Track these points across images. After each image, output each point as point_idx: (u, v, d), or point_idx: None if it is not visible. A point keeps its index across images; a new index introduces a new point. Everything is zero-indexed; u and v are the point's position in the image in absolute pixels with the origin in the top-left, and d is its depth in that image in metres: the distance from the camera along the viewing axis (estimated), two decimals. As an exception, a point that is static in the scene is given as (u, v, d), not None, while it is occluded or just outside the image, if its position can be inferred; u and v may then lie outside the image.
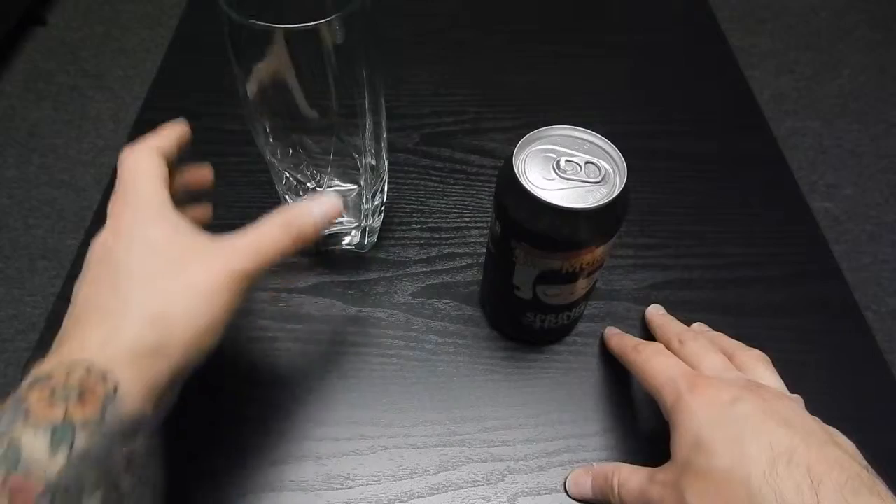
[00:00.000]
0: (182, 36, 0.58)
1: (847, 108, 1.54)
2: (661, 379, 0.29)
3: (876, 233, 1.29)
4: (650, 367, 0.30)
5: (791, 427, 0.24)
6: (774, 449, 0.23)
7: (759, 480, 0.23)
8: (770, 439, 0.24)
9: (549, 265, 0.30)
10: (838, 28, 1.75)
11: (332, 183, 0.36)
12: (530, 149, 0.30)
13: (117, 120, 1.46)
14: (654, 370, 0.30)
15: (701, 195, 0.46)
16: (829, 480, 0.22)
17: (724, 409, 0.26)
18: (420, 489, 0.32)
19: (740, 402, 0.26)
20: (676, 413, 0.27)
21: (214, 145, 0.48)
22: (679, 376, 0.28)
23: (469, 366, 0.37)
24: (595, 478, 0.31)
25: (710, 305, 0.40)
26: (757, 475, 0.23)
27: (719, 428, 0.25)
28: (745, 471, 0.23)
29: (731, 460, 0.24)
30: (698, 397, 0.27)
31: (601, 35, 0.59)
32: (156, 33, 1.67)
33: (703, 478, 0.24)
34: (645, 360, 0.31)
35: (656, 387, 0.29)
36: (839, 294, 0.41)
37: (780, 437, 0.24)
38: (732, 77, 0.56)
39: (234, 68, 0.30)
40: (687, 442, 0.26)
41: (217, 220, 0.43)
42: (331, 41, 0.28)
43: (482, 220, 0.44)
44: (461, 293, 0.40)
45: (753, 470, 0.23)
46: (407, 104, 0.52)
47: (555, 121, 0.30)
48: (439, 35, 0.59)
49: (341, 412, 0.35)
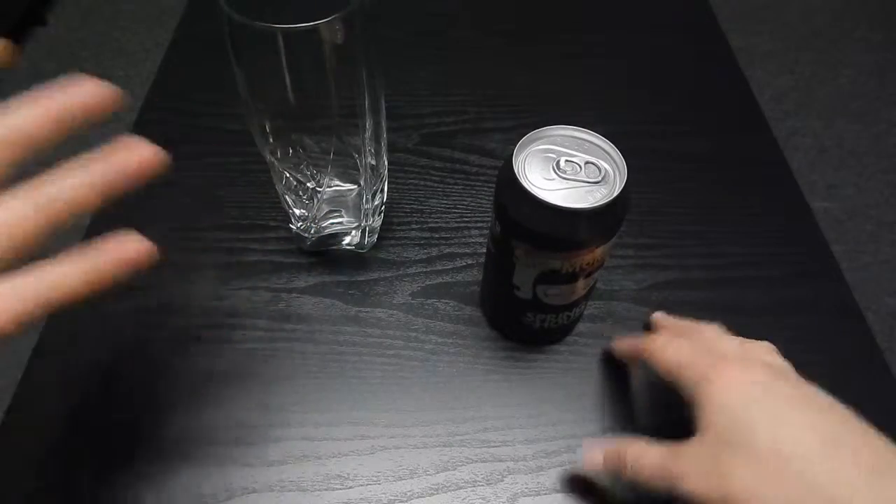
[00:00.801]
0: (182, 36, 0.58)
1: (847, 108, 1.54)
2: (681, 360, 0.29)
3: (876, 233, 1.29)
4: (668, 351, 0.30)
5: (827, 411, 0.25)
6: (819, 431, 0.24)
7: (811, 460, 0.23)
8: (812, 421, 0.24)
9: (549, 265, 0.30)
10: (838, 28, 1.75)
11: (332, 183, 0.36)
12: (530, 149, 0.30)
13: (117, 120, 1.46)
14: (673, 353, 0.30)
15: (701, 195, 0.46)
16: (877, 464, 0.23)
17: (758, 388, 0.26)
18: (420, 489, 0.32)
19: (773, 382, 0.26)
20: (703, 390, 0.27)
21: (214, 145, 0.48)
22: (700, 356, 0.28)
23: (469, 366, 0.37)
24: (607, 452, 0.30)
25: (710, 305, 0.40)
26: (808, 455, 0.23)
27: (757, 406, 0.25)
28: (794, 450, 0.23)
29: (775, 439, 0.24)
30: (726, 375, 0.27)
31: (601, 35, 0.59)
32: (156, 33, 1.67)
33: (746, 454, 0.24)
34: (661, 347, 0.31)
35: (675, 368, 0.29)
36: (839, 294, 0.41)
37: (822, 420, 0.24)
38: (732, 77, 0.56)
39: (234, 68, 0.30)
40: (721, 419, 0.25)
41: (217, 220, 0.43)
42: (331, 41, 0.28)
43: (482, 220, 0.44)
44: (461, 293, 0.40)
45: (802, 450, 0.23)
46: (407, 104, 0.52)
47: (555, 121, 0.30)
48: (439, 35, 0.59)
49: (341, 412, 0.35)
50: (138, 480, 0.32)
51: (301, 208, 0.38)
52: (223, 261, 0.41)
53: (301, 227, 0.40)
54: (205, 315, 0.38)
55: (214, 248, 0.42)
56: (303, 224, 0.39)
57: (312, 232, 0.40)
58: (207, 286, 0.40)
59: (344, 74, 0.30)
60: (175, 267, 0.40)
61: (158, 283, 0.40)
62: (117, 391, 0.35)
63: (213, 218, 0.43)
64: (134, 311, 0.38)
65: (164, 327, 0.38)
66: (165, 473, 0.32)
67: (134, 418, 0.34)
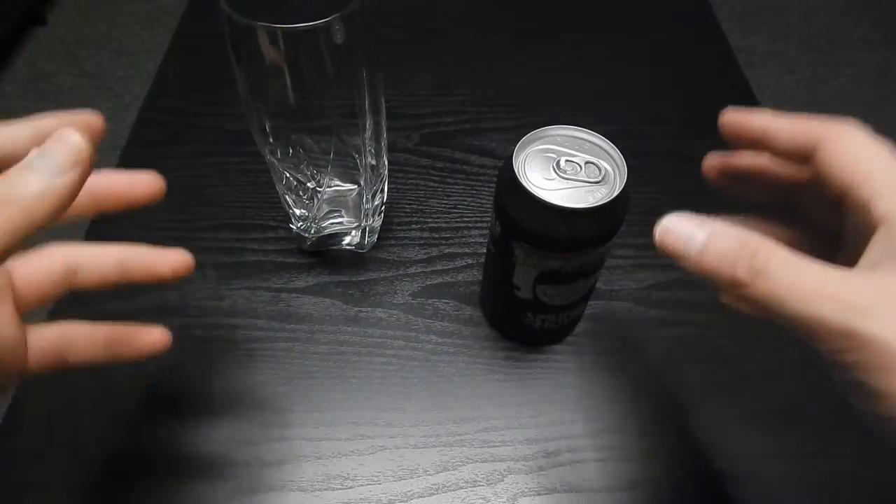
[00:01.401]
0: (182, 36, 0.58)
1: (847, 108, 1.54)
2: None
3: (876, 233, 1.29)
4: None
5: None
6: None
7: None
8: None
9: (549, 265, 0.30)
10: (838, 28, 1.75)
11: (332, 183, 0.36)
12: (530, 149, 0.30)
13: (117, 120, 1.46)
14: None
15: (701, 195, 0.46)
16: None
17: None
18: (420, 489, 0.32)
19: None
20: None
21: (214, 145, 0.48)
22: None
23: (469, 366, 0.37)
24: (719, 240, 0.19)
25: (710, 305, 0.40)
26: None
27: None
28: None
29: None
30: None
31: (601, 35, 0.59)
32: (156, 33, 1.67)
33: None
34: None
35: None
36: (839, 294, 0.41)
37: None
38: (732, 77, 0.56)
39: (234, 68, 0.30)
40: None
41: (217, 221, 0.43)
42: (331, 41, 0.28)
43: (482, 220, 0.44)
44: (461, 293, 0.40)
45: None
46: (407, 104, 0.52)
47: (555, 121, 0.30)
48: (439, 35, 0.59)
49: (341, 412, 0.35)
50: (138, 481, 0.32)
51: (301, 208, 0.38)
52: (223, 261, 0.41)
53: (301, 227, 0.40)
54: (204, 315, 0.38)
55: (214, 248, 0.42)
56: (303, 224, 0.39)
57: (312, 232, 0.40)
58: (207, 286, 0.40)
59: (344, 74, 0.30)
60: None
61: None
62: (116, 391, 0.35)
63: (213, 218, 0.43)
64: (134, 311, 0.38)
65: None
66: (165, 473, 0.32)
67: (133, 418, 0.34)
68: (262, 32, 0.27)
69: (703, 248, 0.19)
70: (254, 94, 0.31)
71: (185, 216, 0.43)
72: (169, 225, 0.42)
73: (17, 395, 0.35)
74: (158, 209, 0.43)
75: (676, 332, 0.39)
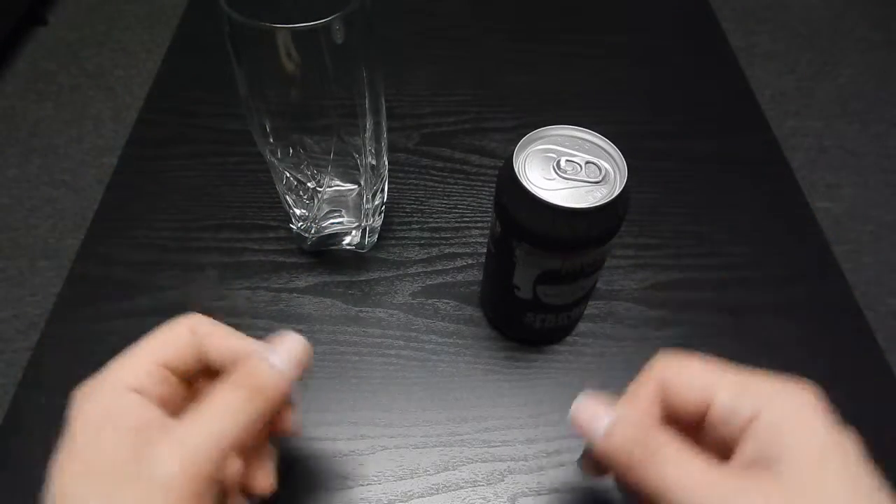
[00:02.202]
0: (182, 36, 0.58)
1: (847, 108, 1.54)
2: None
3: (877, 233, 1.29)
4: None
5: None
6: None
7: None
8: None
9: (549, 265, 0.30)
10: (838, 28, 1.75)
11: (332, 183, 0.37)
12: (530, 149, 0.30)
13: (118, 120, 1.46)
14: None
15: (701, 195, 0.46)
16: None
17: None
18: (420, 489, 0.32)
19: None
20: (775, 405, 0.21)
21: (214, 145, 0.48)
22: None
23: (469, 366, 0.37)
24: (614, 437, 0.21)
25: (710, 305, 0.40)
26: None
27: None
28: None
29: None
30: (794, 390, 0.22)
31: (601, 35, 0.59)
32: (156, 33, 1.67)
33: None
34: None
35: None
36: (839, 294, 0.41)
37: None
38: (732, 77, 0.56)
39: (234, 68, 0.30)
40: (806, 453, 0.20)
41: (217, 221, 0.43)
42: (331, 41, 0.28)
43: (482, 220, 0.44)
44: (461, 293, 0.40)
45: None
46: (407, 104, 0.52)
47: (555, 121, 0.30)
48: (439, 35, 0.59)
49: (341, 412, 0.35)
50: (138, 480, 0.32)
51: (301, 208, 0.38)
52: (223, 261, 0.41)
53: (301, 227, 0.40)
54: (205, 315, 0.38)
55: (214, 248, 0.42)
56: (303, 224, 0.39)
57: (313, 232, 0.40)
58: (207, 286, 0.40)
59: (344, 74, 0.30)
60: (175, 267, 0.40)
61: (158, 283, 0.40)
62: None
63: (213, 218, 0.44)
64: (134, 312, 0.38)
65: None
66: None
67: (134, 418, 0.34)
68: (263, 32, 0.27)
69: (607, 432, 0.22)
70: (254, 94, 0.31)
71: (186, 216, 0.43)
72: (169, 225, 0.43)
73: (18, 395, 0.35)
74: (159, 209, 0.43)
75: (676, 332, 0.39)
